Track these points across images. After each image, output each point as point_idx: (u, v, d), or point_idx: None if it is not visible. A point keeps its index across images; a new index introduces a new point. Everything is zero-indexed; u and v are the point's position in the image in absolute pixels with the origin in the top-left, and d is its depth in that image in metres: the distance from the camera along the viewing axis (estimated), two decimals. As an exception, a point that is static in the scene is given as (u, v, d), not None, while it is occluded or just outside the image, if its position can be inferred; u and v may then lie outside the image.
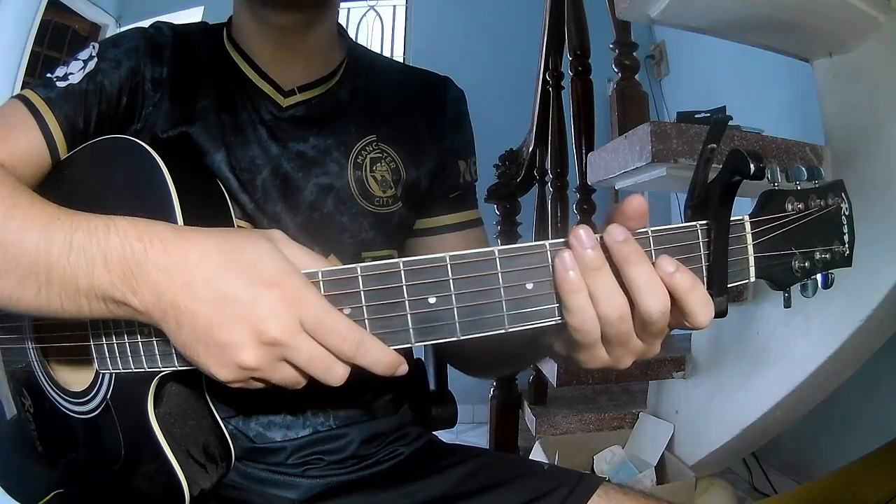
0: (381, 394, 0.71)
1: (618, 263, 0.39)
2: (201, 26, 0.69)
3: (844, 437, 1.64)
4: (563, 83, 1.94)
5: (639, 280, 0.39)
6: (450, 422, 0.86)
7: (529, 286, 0.40)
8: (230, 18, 0.69)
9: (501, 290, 0.40)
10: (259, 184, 0.63)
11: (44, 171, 0.58)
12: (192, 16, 3.59)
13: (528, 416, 1.81)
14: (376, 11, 3.60)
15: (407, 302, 0.40)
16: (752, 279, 0.43)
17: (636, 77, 1.61)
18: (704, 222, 0.42)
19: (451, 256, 0.40)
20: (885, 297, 1.06)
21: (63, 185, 0.58)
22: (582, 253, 0.39)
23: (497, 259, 0.40)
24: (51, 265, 0.42)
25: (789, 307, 0.44)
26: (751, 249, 0.43)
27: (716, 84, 2.43)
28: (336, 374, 0.41)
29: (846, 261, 0.45)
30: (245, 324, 0.39)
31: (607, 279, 0.39)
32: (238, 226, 0.61)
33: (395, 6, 3.62)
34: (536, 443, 1.67)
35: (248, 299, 0.39)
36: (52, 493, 0.59)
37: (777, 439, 1.63)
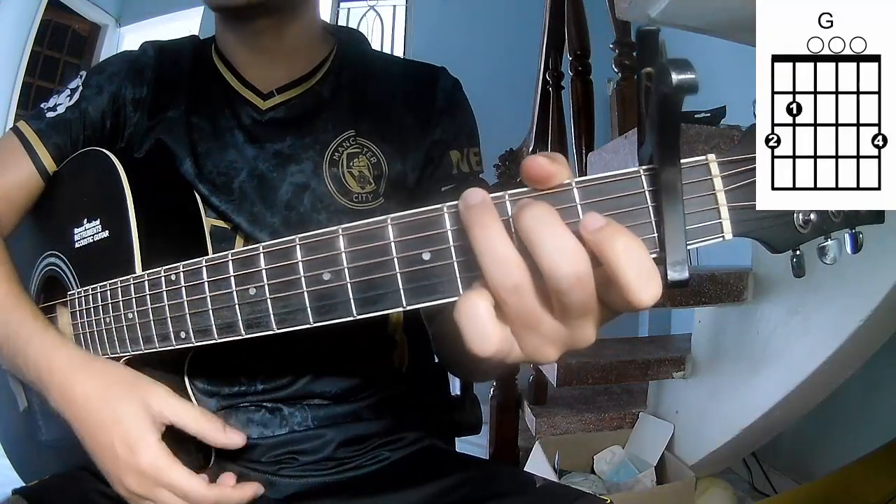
0: (371, 395, 0.67)
1: (517, 224, 0.31)
2: (189, 40, 0.70)
3: (844, 437, 1.64)
4: (563, 83, 1.95)
5: (536, 235, 0.30)
6: (474, 428, 0.79)
7: (426, 256, 0.35)
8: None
9: (395, 261, 0.36)
10: (236, 186, 0.63)
11: (38, 196, 0.65)
12: (192, 16, 3.59)
13: (528, 416, 1.81)
14: (376, 11, 3.60)
15: (303, 279, 0.38)
16: (730, 237, 0.33)
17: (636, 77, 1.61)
18: (650, 166, 0.32)
19: (343, 228, 0.37)
20: (885, 297, 1.06)
21: (45, 201, 0.65)
22: (462, 211, 0.32)
23: (389, 227, 0.36)
24: None
25: (802, 276, 0.34)
26: (721, 197, 0.32)
27: (716, 84, 2.43)
28: None
29: (875, 216, 0.33)
30: (113, 472, 0.49)
31: (494, 239, 0.31)
32: (214, 226, 0.62)
33: (395, 6, 3.62)
34: (536, 443, 1.67)
35: (111, 454, 0.49)
36: (49, 476, 0.62)
37: (777, 439, 1.63)
